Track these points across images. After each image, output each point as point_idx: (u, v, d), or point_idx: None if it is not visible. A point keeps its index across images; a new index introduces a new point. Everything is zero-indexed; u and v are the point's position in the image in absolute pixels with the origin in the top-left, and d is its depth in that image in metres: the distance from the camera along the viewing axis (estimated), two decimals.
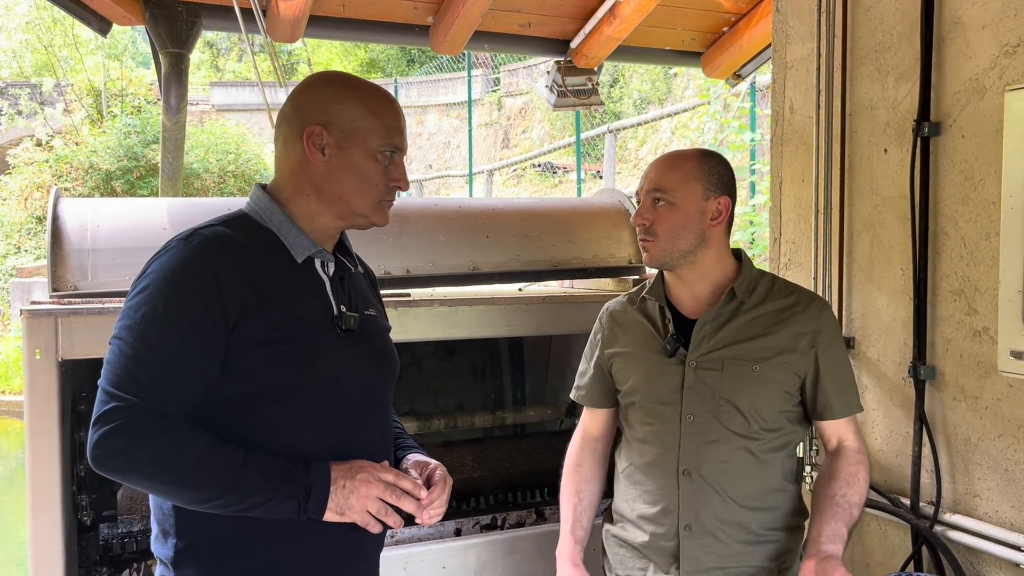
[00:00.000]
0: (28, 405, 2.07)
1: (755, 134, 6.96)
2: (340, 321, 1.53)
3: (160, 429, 1.36)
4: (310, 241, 1.53)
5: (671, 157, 1.89)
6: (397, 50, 20.75)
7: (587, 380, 2.03)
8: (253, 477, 1.39)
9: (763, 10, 3.78)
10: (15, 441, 10.02)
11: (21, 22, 18.57)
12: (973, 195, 2.02)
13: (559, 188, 13.87)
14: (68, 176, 14.71)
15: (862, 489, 1.78)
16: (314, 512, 1.42)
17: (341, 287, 1.58)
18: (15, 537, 6.54)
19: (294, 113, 1.53)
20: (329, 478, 1.43)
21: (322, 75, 1.60)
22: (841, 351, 1.85)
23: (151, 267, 1.46)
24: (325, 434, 1.50)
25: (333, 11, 3.49)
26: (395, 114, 1.55)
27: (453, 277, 2.71)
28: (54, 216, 2.31)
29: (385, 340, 1.68)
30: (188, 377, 1.40)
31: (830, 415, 1.82)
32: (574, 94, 4.07)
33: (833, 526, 1.70)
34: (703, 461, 1.79)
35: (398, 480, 1.48)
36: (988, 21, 1.97)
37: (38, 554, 2.08)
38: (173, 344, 1.38)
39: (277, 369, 1.44)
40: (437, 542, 2.47)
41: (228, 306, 1.41)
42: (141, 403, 1.35)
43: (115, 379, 1.37)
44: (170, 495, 1.43)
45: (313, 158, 1.50)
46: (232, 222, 1.52)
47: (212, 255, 1.44)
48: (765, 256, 2.63)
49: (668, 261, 1.84)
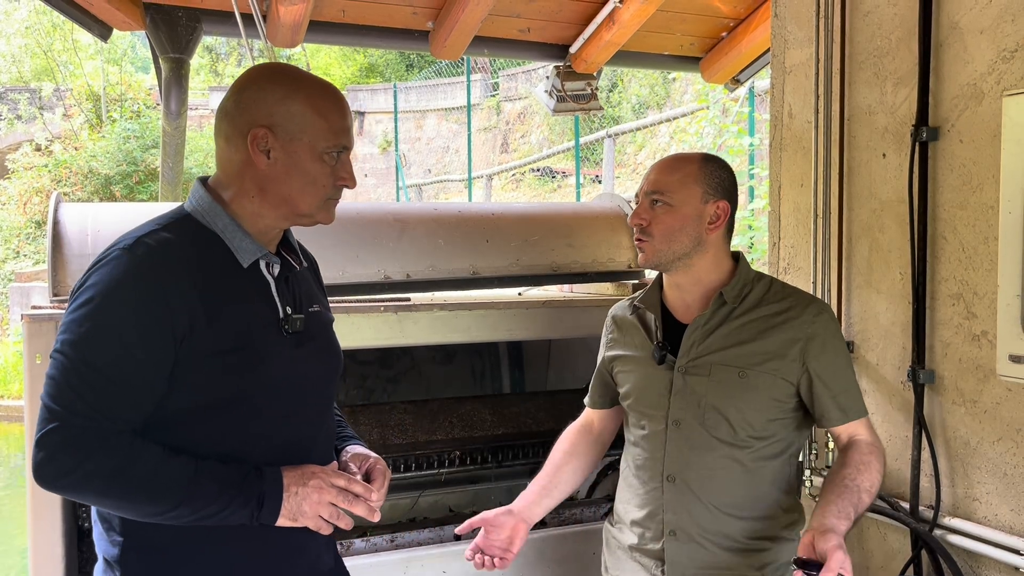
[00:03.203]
0: (28, 410, 2.07)
1: (754, 139, 6.97)
2: (286, 324, 1.52)
3: (109, 446, 1.34)
4: (255, 245, 1.50)
5: (673, 159, 1.88)
6: (396, 55, 20.77)
7: (592, 382, 2.06)
8: (206, 488, 1.38)
9: (762, 15, 3.80)
10: (15, 445, 10.01)
11: (20, 27, 18.59)
12: (971, 199, 2.02)
13: (558, 193, 13.88)
14: (67, 181, 14.72)
15: (874, 477, 1.71)
16: (267, 519, 1.43)
17: (286, 287, 1.56)
18: (14, 543, 6.52)
19: (237, 111, 1.47)
20: (282, 485, 1.43)
21: (265, 70, 1.53)
22: (838, 356, 1.81)
23: (92, 277, 1.40)
24: (275, 437, 1.50)
25: (333, 16, 3.50)
26: (342, 113, 1.50)
27: (453, 281, 2.71)
28: (55, 221, 2.32)
29: (329, 336, 1.67)
30: (135, 392, 1.37)
31: (827, 423, 1.79)
32: (573, 99, 4.08)
33: (839, 504, 1.64)
34: (686, 467, 1.79)
35: (350, 485, 1.48)
36: (986, 26, 1.98)
37: (38, 559, 2.08)
38: (118, 359, 1.35)
39: (226, 379, 1.43)
40: (437, 546, 2.46)
41: (176, 318, 1.38)
42: (87, 421, 1.33)
43: (59, 396, 1.33)
44: (122, 510, 1.42)
45: (258, 160, 1.46)
46: (174, 225, 1.48)
47: (159, 265, 1.40)
48: (764, 260, 2.63)
49: (662, 262, 1.84)
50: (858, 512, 1.66)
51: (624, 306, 2.02)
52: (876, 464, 1.74)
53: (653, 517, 1.82)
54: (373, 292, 2.58)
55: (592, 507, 2.71)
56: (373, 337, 2.41)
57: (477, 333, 2.57)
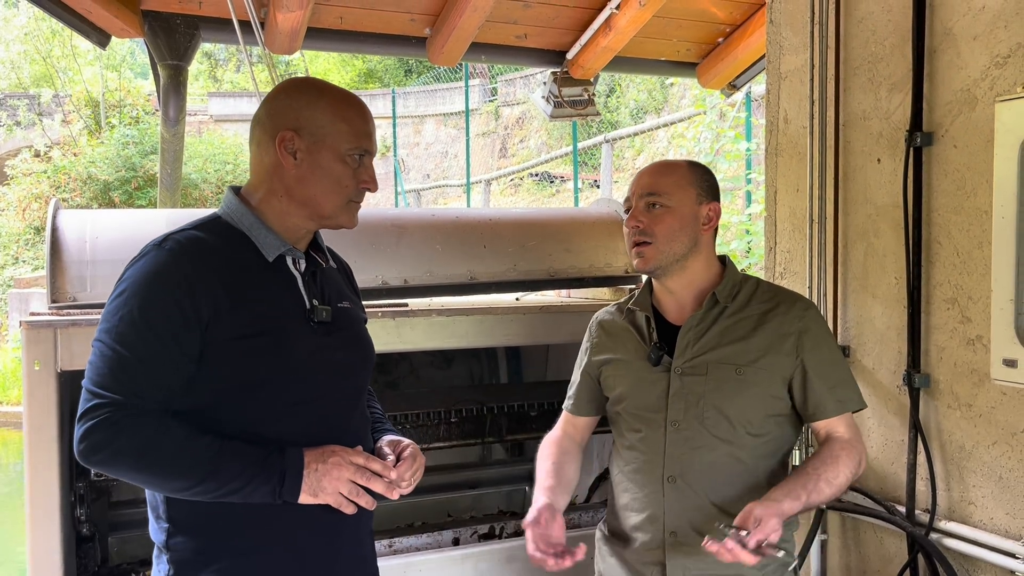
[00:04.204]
0: (27, 416, 2.08)
1: (751, 143, 6.98)
2: (312, 314, 1.59)
3: (141, 423, 1.43)
4: (280, 240, 1.59)
5: (662, 164, 1.92)
6: (395, 60, 20.80)
7: (575, 389, 2.04)
8: (230, 465, 1.46)
9: (757, 21, 3.81)
10: (13, 452, 10.00)
11: (20, 33, 18.61)
12: (966, 204, 2.03)
13: (556, 197, 13.89)
14: (66, 187, 14.73)
15: (839, 470, 1.73)
16: (288, 495, 1.49)
17: (313, 282, 1.64)
18: (13, 549, 6.51)
19: (267, 118, 1.59)
20: (302, 463, 1.50)
21: (294, 81, 1.66)
22: (830, 350, 1.84)
23: (128, 272, 1.53)
24: (301, 422, 1.56)
25: (331, 23, 3.52)
26: (364, 118, 1.61)
27: (450, 287, 2.72)
28: (53, 227, 2.32)
29: (360, 329, 1.74)
30: (165, 374, 1.47)
31: (823, 415, 1.80)
32: (570, 104, 4.10)
33: (791, 486, 1.67)
34: (688, 467, 1.80)
35: (368, 462, 1.54)
36: (979, 32, 1.99)
37: (37, 565, 2.08)
38: (149, 344, 1.46)
39: (252, 362, 1.51)
40: (435, 551, 2.47)
41: (200, 306, 1.48)
42: (122, 400, 1.43)
43: (97, 379, 1.45)
44: (153, 484, 1.51)
45: (285, 162, 1.56)
46: (204, 225, 1.59)
47: (184, 258, 1.51)
48: (761, 265, 2.64)
49: (663, 265, 1.84)
50: (810, 498, 1.68)
51: (611, 311, 2.02)
52: (846, 458, 1.75)
53: (654, 520, 1.82)
54: (371, 298, 2.58)
55: (590, 511, 2.71)
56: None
57: (475, 338, 2.57)
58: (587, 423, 2.04)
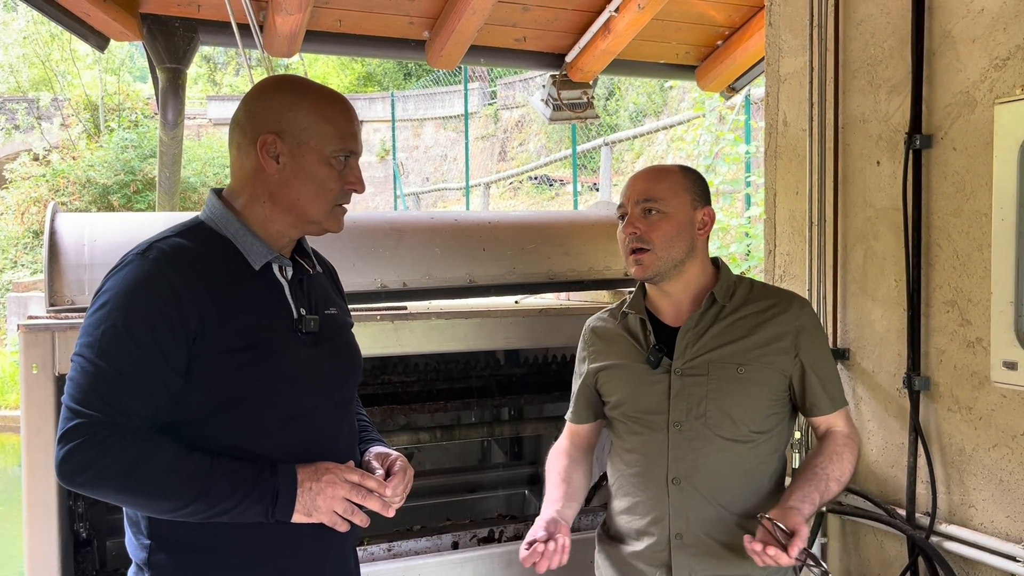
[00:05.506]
0: (25, 420, 2.07)
1: (750, 146, 6.99)
2: (300, 324, 1.55)
3: (126, 442, 1.37)
4: (266, 248, 1.53)
5: (655, 170, 1.91)
6: (394, 64, 20.81)
7: (573, 398, 2.05)
8: (221, 484, 1.41)
9: (756, 24, 3.82)
10: (11, 456, 9.98)
11: (18, 37, 18.62)
12: (965, 207, 2.03)
13: (555, 201, 13.89)
14: (65, 190, 14.73)
15: (844, 467, 1.80)
16: (282, 515, 1.45)
17: (300, 289, 1.59)
18: (11, 553, 6.50)
19: (247, 120, 1.53)
20: (296, 481, 1.45)
21: (274, 80, 1.59)
22: (824, 348, 1.89)
23: (108, 283, 1.45)
24: (291, 435, 1.52)
25: (329, 26, 3.52)
26: (349, 118, 1.54)
27: (450, 290, 2.71)
28: (51, 231, 2.32)
29: (347, 337, 1.70)
30: (151, 390, 1.41)
31: (818, 412, 1.86)
32: (570, 107, 4.10)
33: (805, 490, 1.72)
34: (692, 469, 1.80)
35: (363, 480, 1.50)
36: (978, 35, 1.99)
37: (35, 569, 2.07)
38: (134, 358, 1.39)
39: (240, 376, 1.46)
40: (435, 555, 2.46)
41: (188, 318, 1.42)
42: (105, 418, 1.37)
43: (79, 396, 1.37)
44: (139, 506, 1.45)
45: (268, 166, 1.50)
46: (188, 232, 1.53)
47: (169, 268, 1.44)
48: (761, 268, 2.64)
49: (661, 271, 1.84)
50: (823, 499, 1.75)
51: (603, 317, 2.02)
52: (848, 455, 1.82)
53: (658, 523, 1.82)
54: (369, 301, 2.58)
55: (590, 515, 2.71)
56: (369, 346, 2.41)
57: (474, 342, 2.57)
58: (590, 429, 2.04)
